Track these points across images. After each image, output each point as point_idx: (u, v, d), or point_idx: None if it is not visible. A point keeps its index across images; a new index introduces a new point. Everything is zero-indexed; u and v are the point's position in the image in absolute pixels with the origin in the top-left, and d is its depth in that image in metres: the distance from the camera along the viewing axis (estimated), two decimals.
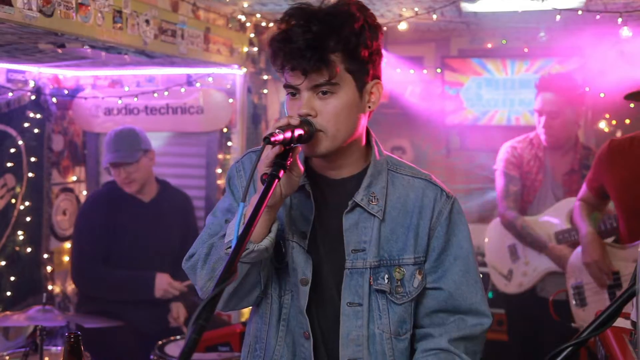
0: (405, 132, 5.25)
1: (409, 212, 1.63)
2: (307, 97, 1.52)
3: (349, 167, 1.64)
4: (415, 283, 1.63)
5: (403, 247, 1.62)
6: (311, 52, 1.46)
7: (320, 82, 1.50)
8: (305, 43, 1.45)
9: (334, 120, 1.52)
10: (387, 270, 1.62)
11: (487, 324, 1.66)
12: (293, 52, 1.47)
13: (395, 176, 1.66)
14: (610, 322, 1.21)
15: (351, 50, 1.50)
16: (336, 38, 1.48)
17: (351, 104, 1.54)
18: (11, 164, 3.71)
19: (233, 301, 1.63)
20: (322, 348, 1.65)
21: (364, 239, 1.61)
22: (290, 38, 1.47)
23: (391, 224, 1.62)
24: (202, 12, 3.50)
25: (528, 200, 3.51)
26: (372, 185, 1.62)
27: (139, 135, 3.54)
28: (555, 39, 4.39)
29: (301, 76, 1.50)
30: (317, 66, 1.47)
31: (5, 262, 3.73)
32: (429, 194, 1.64)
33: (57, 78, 4.10)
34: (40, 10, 2.28)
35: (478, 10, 3.68)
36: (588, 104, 4.68)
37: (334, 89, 1.51)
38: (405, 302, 1.63)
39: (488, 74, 4.83)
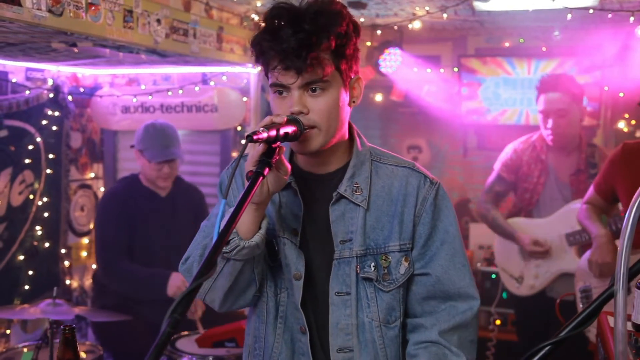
0: (422, 132, 5.24)
1: (394, 200, 1.64)
2: (298, 95, 1.53)
3: (334, 162, 1.66)
4: (401, 270, 1.64)
5: (388, 235, 1.63)
6: (305, 51, 1.47)
7: (312, 79, 1.52)
8: (298, 42, 1.47)
9: (326, 117, 1.54)
10: (374, 259, 1.63)
11: (476, 306, 1.67)
12: (286, 51, 1.48)
13: (379, 166, 1.68)
14: (588, 321, 1.20)
15: (339, 48, 1.53)
16: (327, 37, 1.50)
17: (341, 102, 1.57)
18: (29, 161, 3.79)
19: (229, 300, 1.66)
20: (317, 341, 1.67)
21: (351, 229, 1.63)
22: (281, 38, 1.48)
23: (376, 212, 1.64)
24: (215, 12, 3.54)
25: (531, 203, 3.50)
26: (355, 176, 1.64)
27: (177, 130, 3.62)
28: (573, 38, 4.34)
29: (294, 75, 1.51)
30: (312, 65, 1.49)
31: (24, 257, 3.82)
32: (413, 181, 1.66)
33: (75, 76, 4.18)
34: (49, 10, 2.32)
35: (490, 8, 3.66)
36: (607, 104, 4.62)
37: (325, 86, 1.53)
38: (392, 289, 1.64)
39: (506, 73, 4.80)
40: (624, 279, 1.18)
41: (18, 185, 3.75)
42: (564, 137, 3.39)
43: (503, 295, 4.11)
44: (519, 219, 3.58)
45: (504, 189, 3.64)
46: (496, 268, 3.88)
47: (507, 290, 3.72)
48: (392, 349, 1.66)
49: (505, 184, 3.60)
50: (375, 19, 4.07)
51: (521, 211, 3.59)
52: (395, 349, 1.66)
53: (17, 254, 3.78)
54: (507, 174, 3.56)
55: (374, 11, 3.86)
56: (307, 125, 1.53)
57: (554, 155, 3.47)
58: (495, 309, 4.11)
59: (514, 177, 3.55)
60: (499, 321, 4.18)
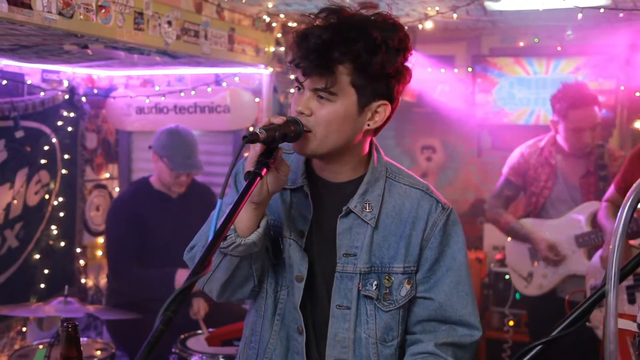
0: (436, 132, 5.23)
1: (403, 222, 1.64)
2: (307, 96, 1.54)
3: (346, 172, 1.66)
4: (402, 292, 1.64)
5: (394, 256, 1.63)
6: (315, 56, 1.48)
7: (319, 86, 1.51)
8: (314, 46, 1.47)
9: (324, 125, 1.54)
10: (377, 277, 1.63)
11: (477, 336, 1.67)
12: (302, 51, 1.49)
13: (393, 184, 1.67)
14: (580, 321, 1.20)
15: (360, 66, 1.49)
16: (343, 50, 1.48)
17: (346, 117, 1.54)
18: (45, 161, 3.85)
19: (227, 293, 1.68)
20: (313, 343, 1.69)
21: (356, 244, 1.63)
22: (306, 37, 1.50)
23: (384, 231, 1.64)
24: (227, 13, 3.57)
25: (537, 206, 3.50)
26: (367, 193, 1.64)
27: (195, 137, 3.67)
28: (588, 37, 4.31)
29: (305, 76, 1.52)
30: (318, 72, 1.49)
31: (40, 256, 3.88)
32: (424, 205, 1.64)
33: (91, 78, 4.23)
34: (59, 13, 2.36)
35: (501, 8, 3.65)
36: (623, 104, 4.58)
37: (331, 97, 1.52)
38: (392, 309, 1.65)
39: (520, 73, 4.77)
40: (615, 279, 1.18)
41: (34, 185, 3.81)
42: (587, 147, 3.39)
43: (516, 296, 4.10)
44: (528, 220, 3.57)
45: (513, 193, 3.65)
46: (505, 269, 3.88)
47: (518, 290, 3.71)
48: None
49: (514, 187, 3.62)
50: None
51: (530, 214, 3.58)
52: None
53: (33, 253, 3.84)
54: (514, 177, 3.58)
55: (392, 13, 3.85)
56: (306, 127, 1.53)
57: (564, 159, 3.46)
58: (509, 310, 4.09)
59: (522, 181, 3.57)
60: (512, 322, 4.16)
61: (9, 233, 3.65)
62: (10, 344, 3.71)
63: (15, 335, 3.76)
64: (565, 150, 3.43)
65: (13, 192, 3.65)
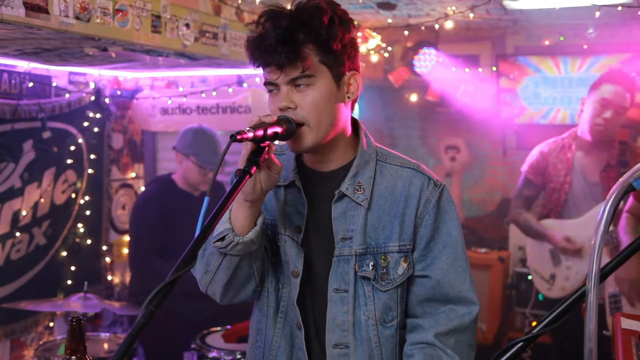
0: (461, 132, 5.21)
1: (396, 201, 1.65)
2: (285, 91, 1.57)
3: (337, 159, 1.68)
4: (399, 270, 1.65)
5: (389, 235, 1.65)
6: (282, 46, 1.51)
7: (295, 75, 1.54)
8: (276, 38, 1.50)
9: (314, 111, 1.56)
10: (373, 258, 1.65)
11: (475, 311, 1.67)
12: (266, 48, 1.52)
13: (384, 166, 1.69)
14: (560, 319, 1.21)
15: (323, 43, 1.55)
16: (305, 30, 1.53)
17: (329, 94, 1.58)
18: (72, 161, 3.96)
19: (230, 294, 1.71)
20: (314, 337, 1.70)
21: (352, 227, 1.65)
22: (262, 36, 1.52)
23: (378, 212, 1.65)
24: (247, 15, 3.61)
25: (559, 204, 3.45)
26: (358, 175, 1.66)
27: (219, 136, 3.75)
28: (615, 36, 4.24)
29: (277, 71, 1.55)
30: (290, 59, 1.52)
31: (67, 253, 3.99)
32: (416, 182, 1.66)
33: (117, 80, 4.33)
34: (76, 17, 2.44)
35: (520, 7, 3.62)
36: None
37: (310, 80, 1.56)
38: (389, 289, 1.65)
39: (546, 72, 4.72)
40: (595, 278, 1.18)
41: (61, 184, 3.92)
42: (612, 131, 3.35)
43: (539, 297, 4.06)
44: (549, 220, 3.54)
45: (533, 193, 3.63)
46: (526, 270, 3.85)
47: (540, 292, 3.68)
48: (387, 347, 1.67)
49: (534, 187, 3.60)
50: (408, 19, 4.07)
51: (551, 212, 3.54)
52: (391, 348, 1.68)
53: (60, 250, 3.95)
54: (533, 176, 3.55)
55: (405, 12, 3.86)
56: (297, 121, 1.55)
57: (585, 154, 3.41)
58: (530, 311, 4.05)
59: (541, 179, 3.54)
60: (535, 323, 4.12)
61: (37, 231, 3.77)
62: (38, 338, 3.82)
63: (43, 330, 3.88)
64: (586, 142, 3.39)
65: (41, 191, 3.76)
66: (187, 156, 3.63)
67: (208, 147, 3.61)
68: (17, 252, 3.65)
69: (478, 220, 5.28)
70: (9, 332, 3.61)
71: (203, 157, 3.59)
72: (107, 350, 3.16)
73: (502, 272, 4.45)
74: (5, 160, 3.50)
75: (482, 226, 5.25)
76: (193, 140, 3.63)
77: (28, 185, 3.67)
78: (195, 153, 3.60)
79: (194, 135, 3.64)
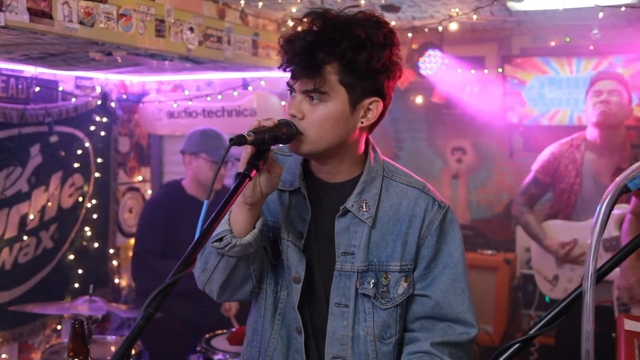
0: (467, 133, 5.20)
1: (400, 220, 1.65)
2: (298, 99, 1.57)
3: (342, 173, 1.67)
4: (400, 290, 1.66)
5: (391, 254, 1.65)
6: (300, 58, 1.51)
7: (309, 87, 1.54)
8: (300, 49, 1.51)
9: (317, 127, 1.56)
10: (375, 275, 1.65)
11: (473, 333, 1.68)
12: (289, 55, 1.53)
13: (390, 183, 1.69)
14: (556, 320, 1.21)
15: (347, 64, 1.52)
16: (328, 50, 1.51)
17: (339, 117, 1.56)
18: (79, 165, 3.98)
19: (227, 293, 1.72)
20: (312, 343, 1.72)
21: (354, 242, 1.65)
22: (292, 41, 1.53)
23: (381, 230, 1.65)
24: (251, 19, 3.63)
25: (569, 205, 3.44)
26: (364, 192, 1.65)
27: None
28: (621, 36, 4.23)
29: (295, 79, 1.56)
30: (306, 73, 1.52)
31: (74, 256, 4.02)
32: (421, 203, 1.66)
33: (123, 84, 4.36)
34: (80, 22, 2.46)
35: (523, 8, 3.62)
36: None
37: (322, 97, 1.54)
38: (389, 307, 1.66)
39: (551, 73, 4.71)
40: (592, 278, 1.19)
41: (68, 188, 3.94)
42: (613, 116, 3.35)
43: (546, 299, 4.05)
44: (555, 221, 3.53)
45: (540, 192, 3.62)
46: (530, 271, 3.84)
47: (542, 293, 3.67)
48: None
49: (541, 186, 3.59)
50: (412, 21, 4.07)
51: (559, 213, 3.53)
52: None
53: (68, 254, 3.98)
54: (542, 176, 3.54)
55: (409, 14, 3.87)
56: (298, 129, 1.56)
57: (595, 157, 3.41)
58: (534, 312, 4.04)
59: (550, 180, 3.53)
60: None
61: (44, 234, 3.79)
62: (45, 341, 3.85)
63: (50, 333, 3.90)
64: (595, 144, 3.39)
65: (48, 195, 3.79)
66: (197, 155, 3.65)
67: (217, 143, 3.65)
68: (25, 256, 3.67)
69: (485, 222, 5.27)
70: (16, 335, 3.64)
71: (213, 152, 3.62)
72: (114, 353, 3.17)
73: (509, 274, 4.43)
74: (13, 164, 3.53)
75: (489, 228, 5.24)
76: (201, 138, 3.67)
77: (35, 189, 3.70)
78: (205, 150, 3.64)
79: (201, 134, 3.69)
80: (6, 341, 3.57)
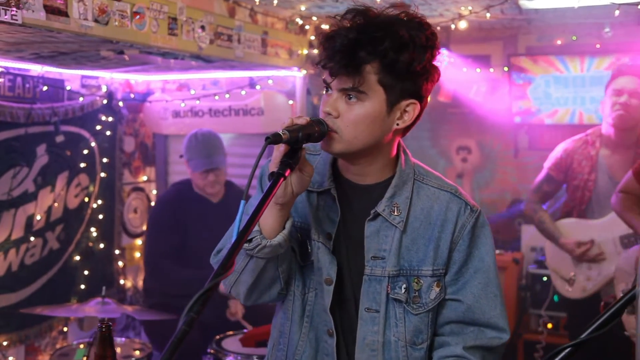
0: (472, 132, 5.18)
1: (432, 224, 1.63)
2: (335, 97, 1.54)
3: (373, 174, 1.64)
4: (432, 295, 1.64)
5: (423, 258, 1.63)
6: (340, 56, 1.47)
7: (347, 86, 1.51)
8: (340, 47, 1.47)
9: (352, 127, 1.53)
10: (406, 280, 1.63)
11: (505, 338, 1.66)
12: (329, 52, 1.49)
13: (421, 186, 1.66)
14: (610, 323, 1.19)
15: (388, 64, 1.49)
16: (370, 49, 1.48)
17: (375, 117, 1.53)
18: (85, 165, 3.95)
19: (254, 295, 1.68)
20: (343, 345, 1.69)
21: (384, 247, 1.63)
22: (332, 38, 1.49)
23: (412, 234, 1.63)
24: (260, 17, 3.60)
25: (583, 202, 3.41)
26: (395, 196, 1.63)
27: (221, 139, 3.73)
28: (629, 34, 4.22)
29: (332, 77, 1.52)
30: (345, 72, 1.48)
31: (80, 257, 3.98)
32: (453, 207, 1.64)
33: (128, 83, 4.32)
34: (95, 20, 2.42)
35: (536, 6, 3.60)
36: None
37: (360, 96, 1.51)
38: (421, 312, 1.64)
39: (557, 72, 4.69)
40: None
41: (74, 188, 3.90)
42: (631, 119, 3.30)
43: (554, 299, 4.03)
44: (570, 220, 3.50)
45: (552, 189, 3.59)
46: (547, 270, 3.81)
47: (559, 293, 3.64)
48: None
49: (554, 183, 3.55)
50: None
51: (573, 210, 3.50)
52: None
53: (74, 255, 3.93)
54: (556, 173, 3.50)
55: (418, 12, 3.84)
56: (332, 128, 1.53)
57: (609, 153, 3.38)
58: (546, 312, 4.03)
59: (563, 177, 3.50)
60: (551, 325, 4.10)
61: (50, 235, 3.75)
62: (52, 343, 3.81)
63: (57, 335, 3.86)
64: (611, 140, 3.36)
65: (54, 195, 3.75)
66: (187, 162, 3.67)
67: (198, 150, 3.63)
68: (31, 257, 3.63)
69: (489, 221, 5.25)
70: (23, 338, 3.60)
71: (194, 160, 3.62)
72: (120, 354, 3.14)
73: (517, 273, 4.42)
74: (19, 164, 3.49)
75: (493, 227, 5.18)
76: (187, 145, 3.69)
77: (42, 190, 3.66)
78: (190, 157, 3.64)
79: (188, 140, 3.70)
80: (13, 343, 3.53)
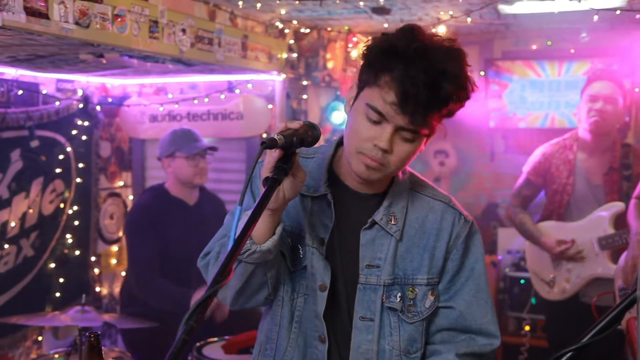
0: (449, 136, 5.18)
1: (426, 233, 1.64)
2: (389, 133, 1.48)
3: (374, 185, 1.65)
4: (427, 303, 1.64)
5: (418, 267, 1.63)
6: (424, 108, 1.43)
7: (408, 127, 1.48)
8: (428, 97, 1.42)
9: (399, 164, 1.54)
10: (401, 289, 1.63)
11: (496, 344, 1.67)
12: (412, 96, 1.42)
13: (416, 196, 1.67)
14: (611, 327, 1.19)
15: (447, 114, 1.50)
16: (440, 106, 1.46)
17: (417, 151, 1.56)
18: (60, 170, 3.87)
19: (241, 300, 1.66)
20: (335, 352, 1.67)
21: (379, 255, 1.63)
22: (414, 78, 1.42)
23: (407, 243, 1.64)
24: (240, 20, 3.58)
25: (562, 205, 3.46)
26: (392, 205, 1.63)
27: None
28: (602, 39, 4.29)
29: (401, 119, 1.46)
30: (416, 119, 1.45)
31: (55, 264, 3.89)
32: (448, 217, 1.65)
33: (104, 87, 4.25)
34: (76, 23, 2.37)
35: (515, 12, 3.64)
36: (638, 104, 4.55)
37: (416, 137, 1.50)
38: (416, 321, 1.65)
39: (535, 75, 4.75)
40: None
41: (49, 194, 3.82)
42: (606, 125, 3.34)
43: (532, 301, 4.07)
44: (550, 223, 3.54)
45: (532, 193, 3.63)
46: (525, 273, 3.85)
47: (538, 295, 3.68)
48: None
49: (533, 187, 3.59)
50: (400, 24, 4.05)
51: (552, 214, 3.54)
52: None
53: (49, 262, 3.85)
54: (534, 177, 3.55)
55: (398, 16, 3.85)
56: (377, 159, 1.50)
57: (587, 156, 3.43)
58: (528, 315, 4.07)
59: (542, 181, 3.54)
60: (529, 327, 4.13)
61: (24, 242, 3.67)
62: (26, 353, 3.72)
63: (31, 345, 3.77)
64: (587, 143, 3.40)
65: (29, 202, 3.66)
66: (173, 155, 3.57)
67: (187, 138, 3.57)
68: (5, 265, 3.55)
69: None
70: None
71: (186, 147, 3.55)
72: None
73: (495, 276, 4.45)
74: None
75: None
76: (171, 138, 3.60)
77: (16, 196, 3.58)
78: (178, 148, 3.56)
79: (170, 135, 3.62)
80: None
